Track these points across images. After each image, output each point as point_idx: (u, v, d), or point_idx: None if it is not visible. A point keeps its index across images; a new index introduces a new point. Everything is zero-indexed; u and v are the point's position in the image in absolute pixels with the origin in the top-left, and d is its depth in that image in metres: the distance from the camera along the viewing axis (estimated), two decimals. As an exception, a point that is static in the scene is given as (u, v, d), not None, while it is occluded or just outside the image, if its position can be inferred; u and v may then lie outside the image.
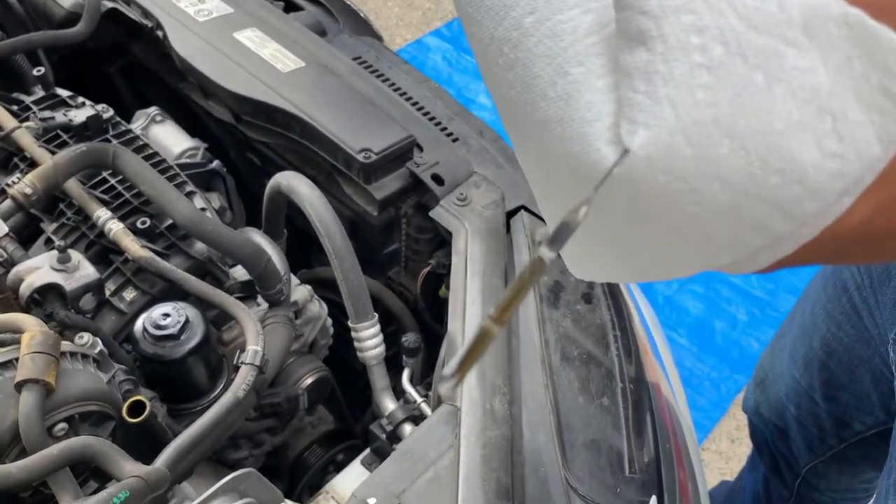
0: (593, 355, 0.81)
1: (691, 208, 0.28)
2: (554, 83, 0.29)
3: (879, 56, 0.25)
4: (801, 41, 0.25)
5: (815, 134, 0.26)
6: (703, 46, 0.26)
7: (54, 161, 0.86)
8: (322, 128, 0.95)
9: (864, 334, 0.85)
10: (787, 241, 0.29)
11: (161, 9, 1.13)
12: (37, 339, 0.69)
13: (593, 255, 0.35)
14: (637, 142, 0.27)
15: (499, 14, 0.31)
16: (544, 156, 0.32)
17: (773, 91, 0.26)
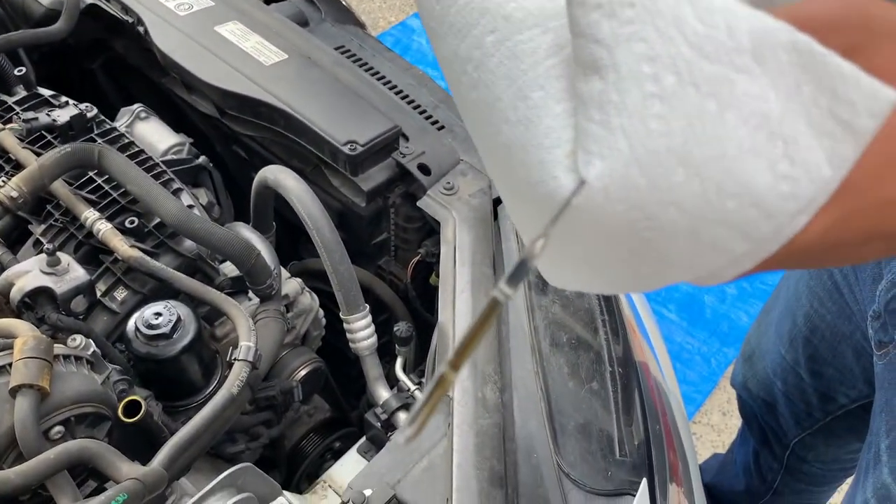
0: (582, 340, 0.82)
1: (647, 234, 0.29)
2: (515, 107, 0.30)
3: (827, 82, 0.26)
4: (751, 68, 0.26)
5: (768, 159, 0.27)
6: (656, 76, 0.26)
7: (39, 163, 0.86)
8: (307, 121, 0.95)
9: (846, 310, 0.86)
10: (746, 259, 0.30)
11: (141, 4, 1.12)
12: (29, 344, 0.69)
13: (565, 270, 0.36)
14: (593, 173, 0.28)
15: (461, 32, 0.32)
16: (508, 176, 0.33)
17: (726, 118, 0.26)
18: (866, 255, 0.32)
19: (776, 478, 1.23)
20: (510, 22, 0.30)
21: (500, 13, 0.31)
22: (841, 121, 0.27)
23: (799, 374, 1.02)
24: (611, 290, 0.36)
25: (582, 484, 0.70)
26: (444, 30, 0.33)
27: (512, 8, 0.31)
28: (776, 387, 1.08)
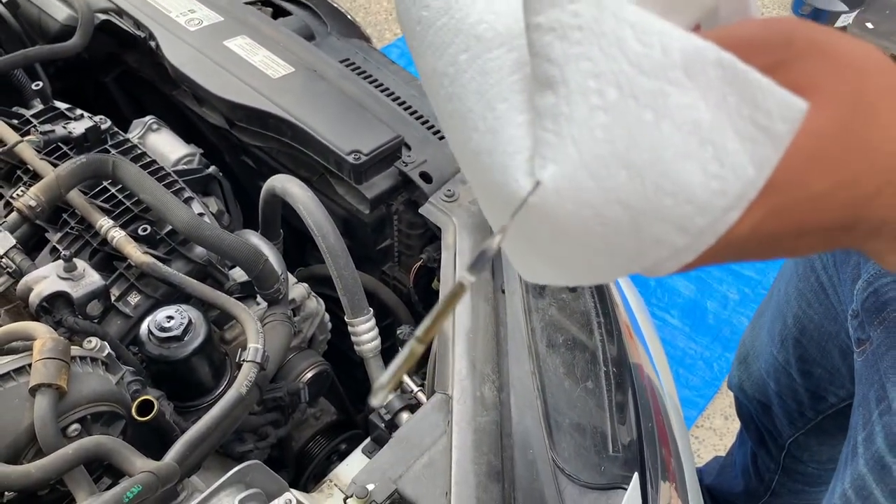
0: (578, 341, 0.85)
1: (598, 228, 0.32)
2: (484, 117, 0.34)
3: (748, 93, 0.29)
4: (683, 82, 0.30)
5: (700, 161, 0.30)
6: (600, 90, 0.30)
7: (56, 173, 0.90)
8: (313, 131, 0.98)
9: (831, 311, 0.89)
10: (687, 251, 0.33)
11: (153, 19, 1.16)
12: (48, 346, 0.73)
13: (533, 264, 0.40)
14: (546, 175, 0.31)
15: (438, 50, 0.35)
16: (478, 179, 0.37)
17: (662, 126, 0.30)
18: (804, 247, 0.35)
19: (773, 478, 1.25)
20: (481, 41, 0.34)
21: (472, 33, 0.35)
22: (761, 127, 0.30)
23: (790, 375, 1.04)
24: (573, 281, 0.40)
25: (576, 478, 0.72)
26: (423, 48, 0.37)
27: (483, 29, 0.35)
28: (770, 387, 1.11)
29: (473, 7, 0.35)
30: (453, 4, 0.36)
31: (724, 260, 0.35)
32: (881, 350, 0.70)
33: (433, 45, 0.36)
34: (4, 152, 0.98)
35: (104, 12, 1.20)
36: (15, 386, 0.73)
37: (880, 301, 0.70)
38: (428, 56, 0.37)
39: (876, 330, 0.71)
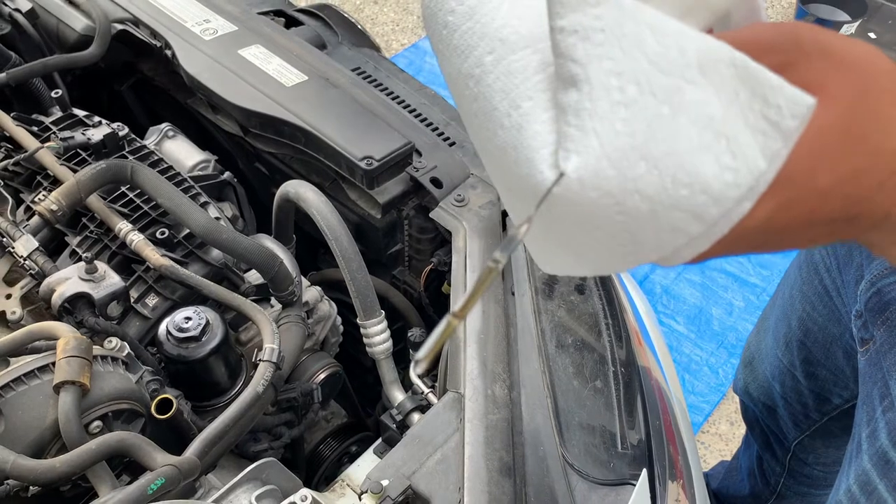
0: (586, 342, 0.86)
1: (618, 217, 0.34)
2: (509, 115, 0.36)
3: (759, 90, 0.32)
4: (698, 79, 0.32)
5: (714, 153, 0.32)
6: (621, 87, 0.32)
7: (77, 178, 0.92)
8: (326, 137, 1.01)
9: (835, 313, 0.91)
10: (702, 240, 0.35)
11: (169, 29, 1.19)
12: (71, 344, 0.75)
13: (553, 254, 0.42)
14: (570, 166, 0.33)
15: (464, 53, 0.37)
16: (503, 174, 0.39)
17: (678, 120, 0.32)
18: (810, 238, 0.37)
19: (779, 481, 1.26)
20: (505, 44, 0.36)
21: (496, 37, 0.37)
22: (771, 121, 0.32)
23: (795, 377, 1.06)
24: (592, 270, 0.41)
25: (585, 474, 0.74)
26: (449, 52, 0.39)
27: (507, 32, 0.37)
28: (775, 390, 1.12)
29: (498, 12, 0.37)
30: (478, 9, 0.38)
31: (737, 250, 0.37)
32: (884, 348, 0.71)
33: (459, 48, 0.38)
34: (25, 158, 1.01)
35: (121, 22, 1.23)
36: (39, 384, 0.75)
37: (883, 301, 0.72)
38: (454, 59, 0.39)
39: (879, 329, 0.73)
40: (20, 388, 0.75)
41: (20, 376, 0.75)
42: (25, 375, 0.75)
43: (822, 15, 2.51)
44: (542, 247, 0.42)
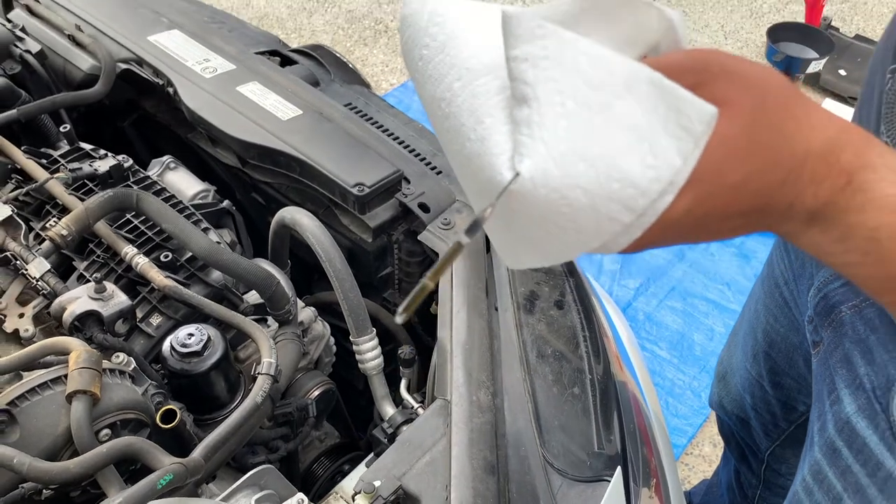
0: (565, 353, 0.92)
1: (565, 209, 0.41)
2: (474, 129, 0.43)
3: (673, 103, 0.39)
4: (624, 95, 0.39)
5: (639, 154, 0.40)
6: (563, 103, 0.39)
7: (85, 205, 0.98)
8: (320, 166, 1.07)
9: (794, 322, 0.97)
10: (634, 228, 0.42)
11: (171, 68, 1.26)
12: (83, 357, 0.80)
13: (516, 248, 0.49)
14: (524, 167, 0.41)
15: (437, 80, 0.45)
16: (470, 177, 0.46)
17: (609, 128, 0.39)
18: (732, 228, 0.44)
19: (756, 493, 1.31)
20: (471, 72, 0.44)
21: (464, 66, 0.45)
22: (683, 127, 0.39)
23: (763, 387, 1.12)
24: (549, 259, 0.48)
25: (564, 472, 0.79)
26: (424, 79, 0.47)
27: (473, 62, 0.44)
28: (746, 401, 1.18)
29: (465, 46, 0.45)
30: (448, 44, 0.46)
31: (668, 239, 0.44)
32: (830, 348, 0.78)
33: (433, 76, 0.46)
34: (36, 188, 1.07)
35: (125, 62, 1.30)
36: (52, 394, 0.80)
37: (829, 304, 0.78)
38: (428, 85, 0.47)
39: (826, 331, 0.79)
40: (34, 399, 0.80)
41: (34, 387, 0.80)
42: (39, 387, 0.80)
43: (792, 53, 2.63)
44: (506, 242, 0.49)
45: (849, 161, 0.42)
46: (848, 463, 0.75)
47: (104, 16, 1.37)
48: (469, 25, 0.46)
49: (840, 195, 0.43)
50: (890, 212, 0.42)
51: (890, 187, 0.42)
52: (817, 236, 0.44)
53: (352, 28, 3.70)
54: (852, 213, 0.43)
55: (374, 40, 3.62)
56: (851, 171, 0.42)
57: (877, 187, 0.42)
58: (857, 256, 0.44)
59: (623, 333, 1.31)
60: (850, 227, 0.43)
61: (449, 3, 0.47)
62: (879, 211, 0.42)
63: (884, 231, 0.42)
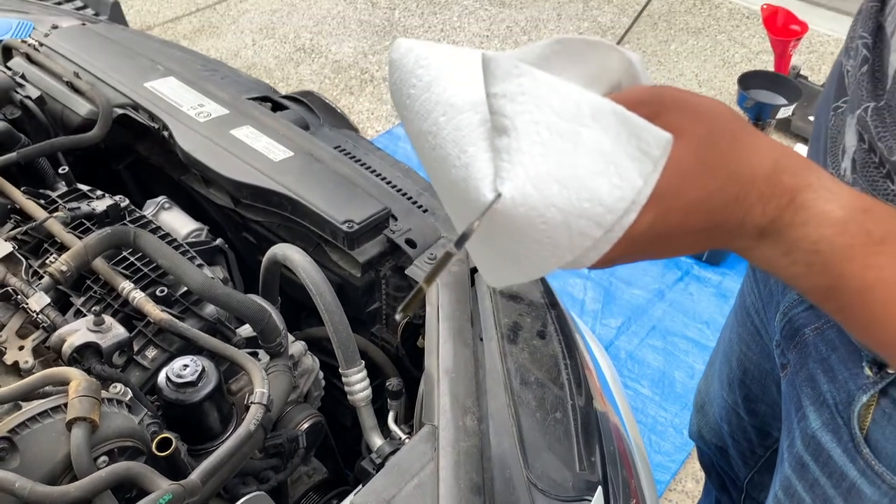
0: (547, 381, 0.96)
1: (541, 226, 0.46)
2: (459, 157, 0.49)
3: (633, 130, 0.45)
4: (591, 124, 0.45)
5: (606, 176, 0.45)
6: (538, 132, 0.45)
7: (84, 242, 1.02)
8: (310, 204, 1.12)
9: (766, 349, 1.02)
10: (603, 242, 0.47)
11: (166, 112, 1.31)
12: (82, 385, 0.83)
13: (496, 266, 0.54)
14: (505, 189, 0.46)
15: (423, 116, 0.51)
16: (456, 201, 0.52)
17: (579, 153, 0.45)
18: (692, 244, 0.49)
19: (737, 523, 1.34)
20: (455, 107, 0.50)
21: (448, 102, 0.50)
22: (643, 151, 0.45)
23: (739, 415, 1.15)
24: (527, 274, 0.52)
25: (547, 492, 0.82)
26: (412, 116, 0.52)
27: (456, 99, 0.50)
28: (724, 430, 1.22)
29: (448, 84, 0.51)
30: (433, 84, 0.51)
31: (634, 253, 0.49)
32: (796, 368, 0.82)
33: (420, 113, 0.51)
34: (35, 227, 1.11)
35: (122, 107, 1.35)
36: (52, 422, 0.83)
37: (794, 327, 0.83)
38: (416, 121, 0.52)
39: (792, 353, 0.84)
40: (34, 427, 0.82)
41: (34, 416, 0.83)
42: (39, 415, 0.83)
43: (762, 99, 2.74)
44: (487, 259, 0.54)
45: (790, 182, 0.48)
46: (815, 476, 0.79)
47: (102, 64, 1.43)
48: (451, 67, 0.51)
49: (785, 212, 0.48)
50: (828, 226, 0.47)
51: (827, 204, 0.47)
52: (768, 250, 0.50)
53: (338, 77, 3.79)
54: (796, 228, 0.48)
55: (360, 89, 3.71)
56: (793, 191, 0.48)
57: (816, 204, 0.47)
58: (802, 268, 0.49)
59: (604, 366, 1.35)
60: (795, 241, 0.48)
61: (433, 48, 0.53)
62: (819, 225, 0.47)
63: (824, 243, 0.47)
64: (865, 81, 0.65)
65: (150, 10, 4.26)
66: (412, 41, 0.53)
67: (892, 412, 0.69)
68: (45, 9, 1.84)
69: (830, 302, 0.50)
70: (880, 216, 0.48)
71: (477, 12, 4.34)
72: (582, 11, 4.35)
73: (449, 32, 4.16)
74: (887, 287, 0.46)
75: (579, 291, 2.56)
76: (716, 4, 4.42)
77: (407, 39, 0.53)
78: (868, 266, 0.47)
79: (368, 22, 4.22)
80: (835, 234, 0.47)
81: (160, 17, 4.19)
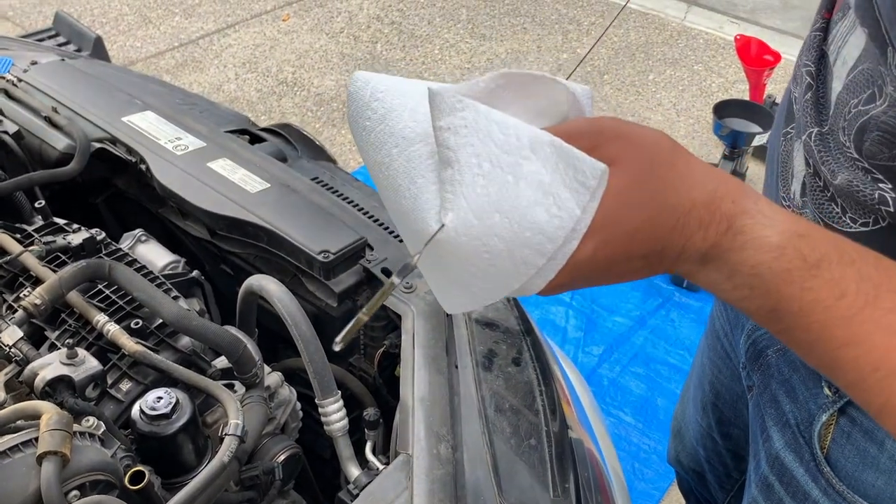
0: (522, 406, 0.97)
1: (485, 255, 0.48)
2: (409, 188, 0.50)
3: (570, 161, 0.46)
4: (530, 156, 0.46)
5: (545, 206, 0.46)
6: (479, 164, 0.47)
7: (59, 275, 1.02)
8: (286, 235, 1.13)
9: (735, 372, 1.03)
10: (547, 270, 0.48)
11: (143, 146, 1.32)
12: (54, 419, 0.83)
13: (449, 293, 0.55)
14: (448, 219, 0.48)
15: (377, 147, 0.53)
16: (406, 229, 0.54)
17: (519, 184, 0.46)
18: (635, 269, 0.50)
19: (716, 548, 1.34)
20: (406, 139, 0.51)
21: (400, 135, 0.52)
22: (580, 182, 0.46)
23: (714, 439, 1.16)
24: (479, 301, 0.54)
25: (522, 519, 0.83)
26: (367, 146, 0.54)
27: (407, 132, 0.52)
28: (700, 455, 1.22)
29: (401, 117, 0.53)
30: (387, 116, 0.53)
31: (580, 280, 0.50)
32: (760, 390, 0.83)
33: (374, 144, 0.53)
34: (9, 261, 1.11)
35: (99, 141, 1.36)
36: (22, 456, 0.82)
37: (757, 350, 0.84)
38: (371, 151, 0.54)
39: (756, 374, 0.85)
40: (4, 461, 0.81)
41: (4, 450, 0.82)
42: (10, 449, 0.82)
43: (737, 127, 2.79)
44: (441, 287, 0.55)
45: (728, 208, 0.49)
46: (780, 496, 0.80)
47: (80, 98, 1.44)
48: (404, 100, 0.53)
49: (723, 237, 0.49)
50: (766, 250, 0.49)
51: (764, 230, 0.49)
52: (712, 274, 0.51)
53: (320, 110, 3.82)
54: (735, 253, 0.49)
55: (342, 122, 3.74)
56: (731, 217, 0.49)
57: (753, 230, 0.49)
58: (744, 291, 0.50)
59: (581, 393, 1.36)
60: (735, 265, 0.49)
61: (388, 81, 0.54)
62: (757, 250, 0.49)
63: (763, 267, 0.48)
64: (810, 108, 0.67)
65: (133, 45, 4.29)
66: (369, 74, 0.55)
67: (851, 430, 0.70)
68: (26, 45, 1.86)
69: (775, 324, 0.51)
70: (816, 240, 0.49)
71: (458, 45, 4.40)
72: (561, 43, 4.42)
73: (430, 65, 4.22)
74: (825, 309, 0.48)
75: (561, 319, 2.57)
76: (692, 35, 4.51)
77: (364, 73, 0.55)
78: (805, 289, 0.48)
79: (350, 55, 4.26)
80: (772, 258, 0.48)
81: (143, 53, 4.22)
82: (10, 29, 3.71)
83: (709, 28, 4.59)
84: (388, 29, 4.52)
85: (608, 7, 4.75)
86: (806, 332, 0.49)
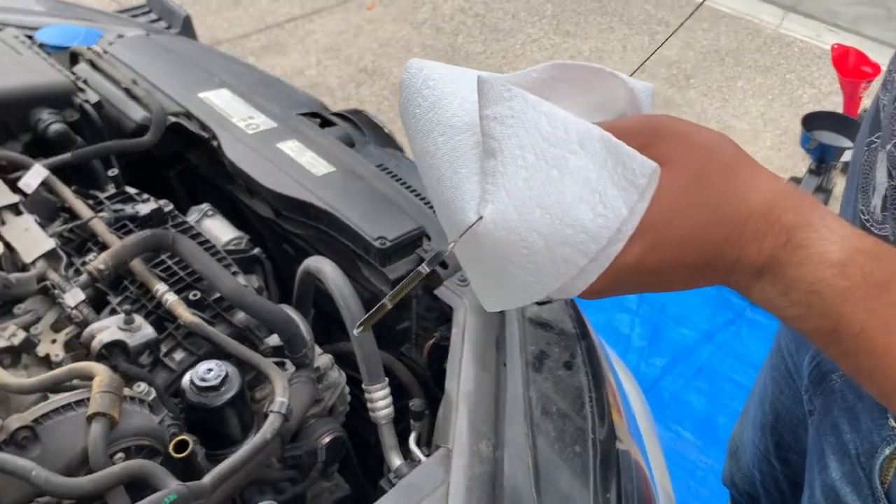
0: (570, 411, 0.94)
1: (524, 250, 0.46)
2: (451, 178, 0.49)
3: (620, 158, 0.44)
4: (578, 151, 0.44)
5: (590, 203, 0.44)
6: (524, 156, 0.45)
7: (124, 242, 1.05)
8: (346, 219, 1.13)
9: (798, 394, 0.97)
10: (589, 272, 0.46)
11: (217, 123, 1.34)
12: (105, 381, 0.85)
13: (487, 289, 0.53)
14: (486, 212, 0.46)
15: (425, 135, 0.52)
16: (447, 220, 0.52)
17: (564, 180, 0.44)
18: (686, 280, 0.47)
19: (768, 576, 1.27)
20: (453, 129, 0.50)
21: (448, 124, 0.51)
22: (629, 180, 0.44)
23: (771, 463, 1.10)
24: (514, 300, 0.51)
25: (559, 527, 0.80)
26: (415, 134, 0.53)
27: (455, 120, 0.51)
28: (756, 478, 1.16)
29: (450, 106, 0.51)
30: (437, 105, 0.52)
31: (625, 286, 0.47)
32: (822, 415, 0.78)
33: (422, 132, 0.52)
34: (79, 226, 1.14)
35: (175, 115, 1.39)
36: (74, 415, 0.85)
37: (821, 372, 0.79)
38: (419, 139, 0.53)
39: (819, 399, 0.80)
40: (57, 418, 0.84)
41: (58, 407, 0.85)
42: (63, 407, 0.85)
43: (826, 141, 2.65)
44: (479, 283, 0.54)
45: (789, 220, 0.46)
46: (831, 530, 0.75)
47: (160, 72, 1.47)
48: (455, 89, 0.52)
49: (781, 251, 0.46)
50: (827, 266, 0.45)
51: (828, 245, 0.45)
52: (767, 289, 0.47)
53: (396, 99, 3.83)
54: (792, 268, 0.45)
55: (418, 112, 3.74)
56: (791, 229, 0.46)
57: (816, 244, 0.45)
58: (802, 309, 0.46)
59: (636, 404, 1.32)
60: (792, 281, 0.46)
61: (441, 69, 0.53)
62: (817, 266, 0.45)
63: (823, 285, 0.45)
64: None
65: (221, 25, 4.40)
66: (424, 61, 0.53)
67: (917, 468, 0.65)
68: (116, 19, 1.92)
69: (833, 346, 0.47)
70: (884, 259, 0.45)
71: (540, 40, 4.35)
72: (647, 45, 4.32)
73: (511, 60, 4.18)
74: (890, 333, 0.43)
75: (626, 327, 2.51)
76: (787, 43, 4.34)
77: (419, 60, 0.54)
78: (868, 310, 0.44)
79: (432, 46, 4.27)
80: (832, 275, 0.45)
81: (230, 34, 4.33)
82: (106, 3, 3.86)
83: (805, 36, 4.40)
84: (472, 21, 4.51)
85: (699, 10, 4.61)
86: (868, 357, 0.45)
